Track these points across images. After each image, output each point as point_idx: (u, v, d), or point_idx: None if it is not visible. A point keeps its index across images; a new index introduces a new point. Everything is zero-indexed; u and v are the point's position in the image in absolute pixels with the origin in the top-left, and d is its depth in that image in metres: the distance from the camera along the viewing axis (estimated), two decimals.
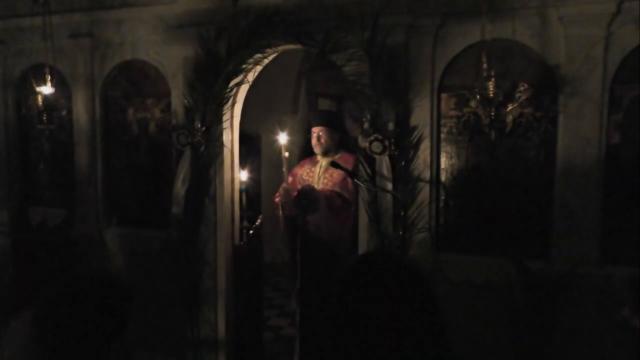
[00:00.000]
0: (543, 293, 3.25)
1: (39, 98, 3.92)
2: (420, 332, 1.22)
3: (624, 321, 2.30)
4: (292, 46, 3.82)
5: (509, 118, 3.37)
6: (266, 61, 4.02)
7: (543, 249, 3.39)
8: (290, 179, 4.19)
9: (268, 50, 3.83)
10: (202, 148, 3.91)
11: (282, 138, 3.97)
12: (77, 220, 4.54)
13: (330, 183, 3.98)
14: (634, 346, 2.32)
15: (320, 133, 3.96)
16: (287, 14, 3.64)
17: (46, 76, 3.93)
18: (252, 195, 5.22)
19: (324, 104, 7.84)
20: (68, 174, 4.60)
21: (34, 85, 3.98)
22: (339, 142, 4.04)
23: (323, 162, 4.05)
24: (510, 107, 3.26)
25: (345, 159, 3.95)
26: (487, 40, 3.19)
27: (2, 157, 4.78)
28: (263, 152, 6.86)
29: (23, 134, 4.81)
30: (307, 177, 4.15)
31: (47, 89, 3.92)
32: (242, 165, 4.29)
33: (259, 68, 4.05)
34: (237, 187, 4.22)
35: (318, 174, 4.05)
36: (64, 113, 4.26)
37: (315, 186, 4.03)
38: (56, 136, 4.60)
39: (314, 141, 4.00)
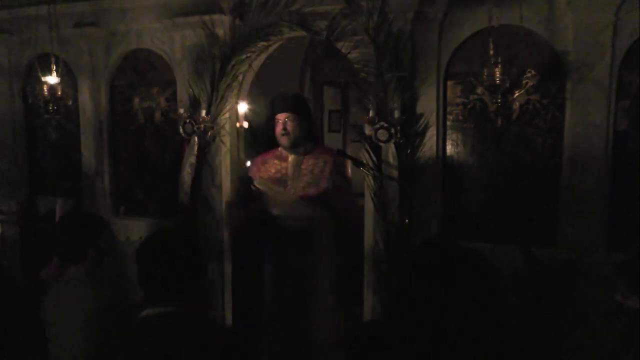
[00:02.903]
0: (550, 280, 3.25)
1: (45, 88, 3.93)
2: (486, 317, 1.23)
3: (619, 305, 2.30)
4: (297, 33, 3.80)
5: (516, 105, 3.35)
6: (271, 49, 4.00)
7: (550, 236, 3.38)
8: (255, 170, 3.49)
9: (273, 37, 3.81)
10: (208, 137, 3.92)
11: (242, 107, 3.46)
12: (85, 210, 4.56)
13: (311, 179, 3.31)
14: (634, 329, 2.33)
15: (287, 120, 3.26)
16: (292, 0, 3.62)
17: (52, 66, 3.92)
18: None
19: (329, 92, 7.82)
20: (75, 163, 4.62)
21: (40, 75, 3.99)
22: (307, 134, 3.34)
23: (291, 156, 3.33)
24: (517, 94, 3.25)
25: (317, 156, 3.34)
26: (494, 27, 3.16)
27: (8, 147, 4.81)
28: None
29: (29, 124, 4.83)
30: (278, 175, 3.37)
31: (52, 79, 3.92)
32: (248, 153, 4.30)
33: (263, 56, 4.03)
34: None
35: (293, 170, 3.32)
36: (70, 103, 4.27)
37: (291, 183, 3.31)
38: (62, 126, 4.63)
39: (279, 131, 3.28)
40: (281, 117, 3.28)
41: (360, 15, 3.43)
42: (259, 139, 3.55)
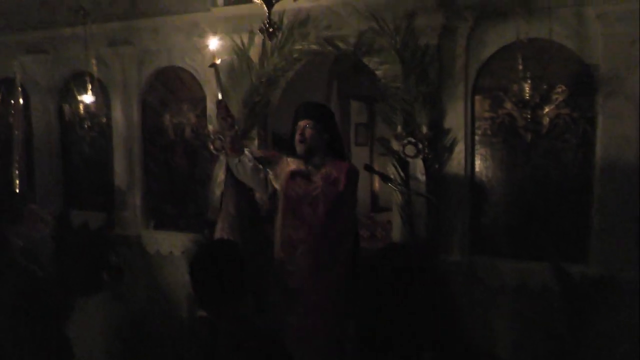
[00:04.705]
0: (581, 298, 3.19)
1: (81, 106, 4.05)
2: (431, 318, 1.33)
3: None
4: (324, 49, 3.84)
5: (546, 120, 3.32)
6: (299, 65, 4.05)
7: (581, 252, 3.32)
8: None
9: (300, 54, 3.86)
10: None
11: (213, 43, 3.19)
12: (116, 223, 4.66)
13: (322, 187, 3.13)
14: None
15: (306, 127, 3.11)
16: (319, 18, 3.68)
17: (87, 84, 4.04)
18: None
19: (356, 106, 7.85)
20: (107, 178, 4.73)
21: (76, 93, 4.11)
22: (327, 145, 3.16)
23: (306, 168, 3.13)
24: (547, 110, 3.21)
25: (337, 166, 3.12)
26: (522, 41, 3.15)
27: (45, 163, 4.95)
28: None
29: (64, 140, 4.97)
30: None
31: (88, 97, 4.04)
32: None
33: (291, 72, 4.08)
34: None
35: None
36: (104, 120, 4.39)
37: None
38: (96, 141, 4.75)
39: (297, 137, 3.14)
40: (301, 123, 3.15)
41: (386, 31, 3.46)
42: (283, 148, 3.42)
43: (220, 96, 3.15)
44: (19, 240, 3.22)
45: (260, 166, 3.18)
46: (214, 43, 3.16)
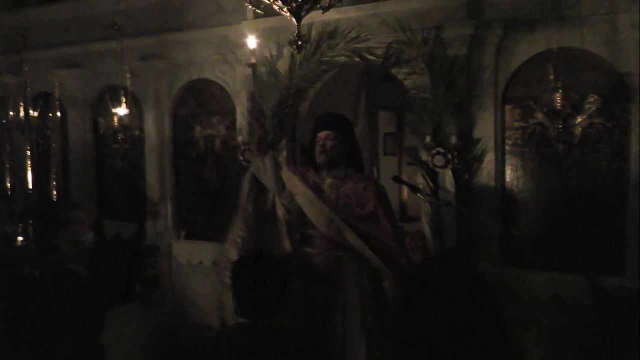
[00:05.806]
0: (617, 311, 3.11)
1: (115, 119, 4.15)
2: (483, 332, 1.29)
3: None
4: (352, 60, 3.86)
5: (578, 129, 3.27)
6: (327, 76, 4.08)
7: (617, 264, 3.25)
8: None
9: (329, 65, 3.89)
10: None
11: (251, 42, 3.12)
12: (148, 233, 4.75)
13: (348, 202, 2.99)
14: None
15: (327, 139, 3.04)
16: (347, 29, 3.70)
17: (121, 98, 4.14)
18: None
19: (385, 116, 7.83)
20: (140, 189, 4.84)
21: (110, 106, 4.22)
22: (349, 158, 3.05)
23: (328, 179, 3.03)
24: (579, 120, 3.16)
25: (357, 181, 3.01)
26: (553, 50, 3.12)
27: (80, 174, 5.08)
28: None
29: (99, 152, 5.11)
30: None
31: (122, 110, 4.14)
32: None
33: (320, 83, 4.11)
34: None
35: (329, 192, 3.02)
36: (137, 132, 4.49)
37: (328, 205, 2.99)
38: (129, 153, 4.86)
39: (317, 149, 3.06)
40: (322, 135, 3.06)
41: (415, 42, 3.46)
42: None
43: (255, 96, 3.17)
44: (66, 244, 3.33)
45: (281, 170, 3.12)
46: (252, 42, 3.11)
